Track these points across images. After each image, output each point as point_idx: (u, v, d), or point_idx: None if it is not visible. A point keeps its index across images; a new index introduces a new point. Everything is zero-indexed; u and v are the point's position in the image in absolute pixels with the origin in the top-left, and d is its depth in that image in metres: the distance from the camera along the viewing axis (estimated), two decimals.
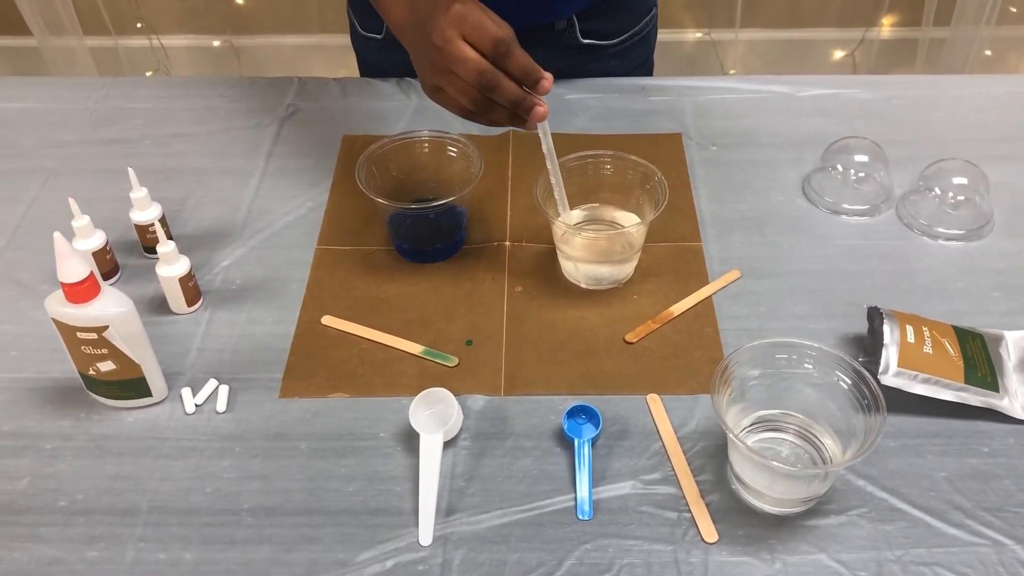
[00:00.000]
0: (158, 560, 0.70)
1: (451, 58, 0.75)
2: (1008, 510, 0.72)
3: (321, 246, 0.95)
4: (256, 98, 1.16)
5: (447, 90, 0.78)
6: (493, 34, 0.75)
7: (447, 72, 0.77)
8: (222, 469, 0.76)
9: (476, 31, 0.75)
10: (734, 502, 0.73)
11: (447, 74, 0.77)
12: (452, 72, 0.76)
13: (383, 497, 0.73)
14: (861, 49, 2.48)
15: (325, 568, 0.69)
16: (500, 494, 0.73)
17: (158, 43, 2.49)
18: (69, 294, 0.72)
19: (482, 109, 0.78)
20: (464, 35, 0.75)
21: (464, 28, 0.75)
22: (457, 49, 0.75)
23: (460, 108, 0.79)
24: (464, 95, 0.77)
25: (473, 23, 0.75)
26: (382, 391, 0.81)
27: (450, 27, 0.75)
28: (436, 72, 0.78)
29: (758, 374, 0.74)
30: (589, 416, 0.78)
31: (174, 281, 0.85)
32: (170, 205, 0.98)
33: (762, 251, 0.94)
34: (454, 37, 0.75)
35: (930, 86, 1.18)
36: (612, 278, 0.90)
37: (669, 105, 1.13)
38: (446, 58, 0.76)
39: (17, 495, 0.74)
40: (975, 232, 0.95)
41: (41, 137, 1.10)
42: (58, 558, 0.70)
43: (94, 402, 0.81)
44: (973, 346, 0.80)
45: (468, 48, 0.75)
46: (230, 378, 0.82)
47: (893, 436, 0.77)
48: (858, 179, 0.99)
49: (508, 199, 1.00)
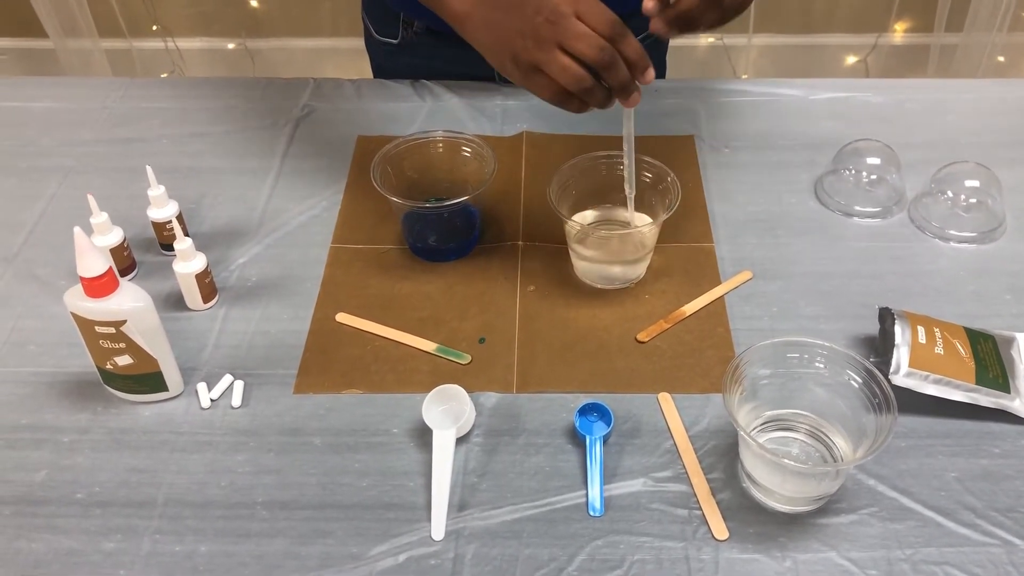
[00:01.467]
0: (173, 552, 0.71)
1: (569, 33, 0.73)
2: (1019, 510, 0.72)
3: (336, 244, 0.96)
4: (272, 99, 1.17)
5: (548, 68, 0.75)
6: (610, 15, 0.74)
7: (553, 48, 0.74)
8: (237, 463, 0.77)
9: (593, 9, 0.74)
10: (745, 500, 0.73)
11: (552, 50, 0.74)
12: (560, 49, 0.74)
13: (396, 492, 0.74)
14: (873, 55, 2.48)
15: (338, 561, 0.70)
16: (512, 490, 0.74)
17: (173, 45, 2.50)
18: (88, 288, 0.73)
19: (583, 90, 0.76)
20: (578, 13, 0.74)
21: (579, 6, 0.74)
22: (576, 24, 0.73)
23: (556, 89, 0.77)
24: (567, 73, 0.75)
25: (589, 1, 0.74)
26: (395, 387, 0.82)
27: (565, 3, 0.74)
28: (540, 48, 0.75)
29: (769, 373, 0.74)
30: (601, 414, 0.78)
31: (191, 277, 0.86)
32: (187, 204, 0.99)
33: (774, 252, 0.94)
34: (569, 13, 0.74)
35: (943, 90, 1.18)
36: (624, 278, 0.91)
37: (682, 107, 1.14)
38: (562, 33, 0.74)
39: (35, 487, 0.75)
40: (987, 235, 0.95)
41: (60, 136, 1.12)
42: (75, 549, 0.71)
43: (111, 396, 0.82)
44: (984, 347, 0.80)
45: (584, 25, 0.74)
46: (245, 374, 0.83)
47: (904, 436, 0.77)
48: (870, 181, 1.00)
49: (521, 199, 1.01)
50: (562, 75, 0.75)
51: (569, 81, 0.75)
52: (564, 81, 0.76)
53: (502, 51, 0.79)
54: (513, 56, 0.78)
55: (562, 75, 0.75)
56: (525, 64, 0.77)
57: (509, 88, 1.17)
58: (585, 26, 0.74)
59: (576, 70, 0.75)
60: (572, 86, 0.76)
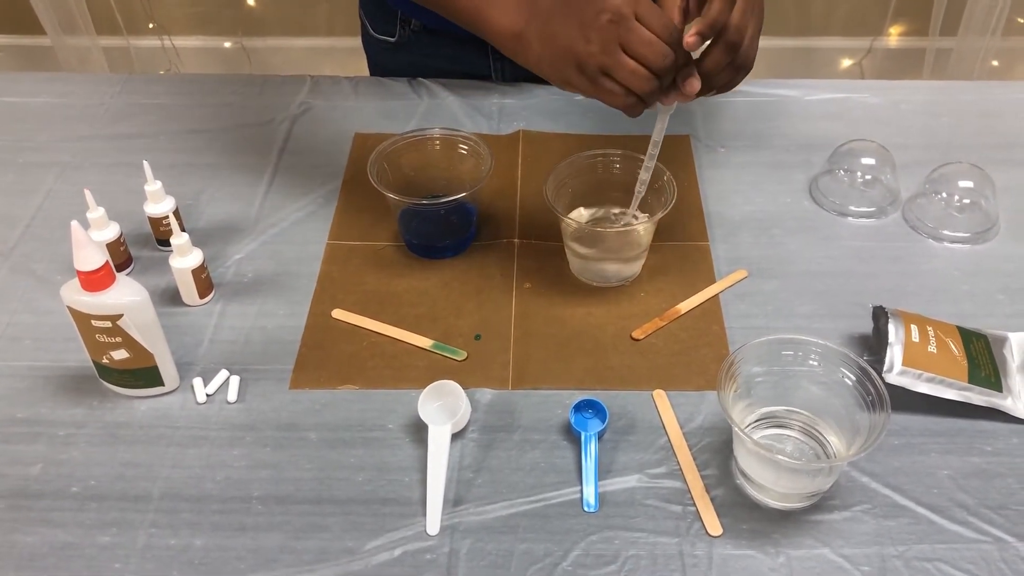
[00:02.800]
0: (169, 546, 0.71)
1: (635, 37, 0.73)
2: (1011, 508, 0.72)
3: (332, 241, 0.96)
4: (269, 96, 1.17)
5: (618, 74, 0.75)
6: (667, 19, 0.73)
7: (618, 51, 0.74)
8: (233, 458, 0.77)
9: (652, 13, 0.73)
10: (739, 497, 0.73)
11: (618, 54, 0.74)
12: (625, 54, 0.74)
13: (392, 487, 0.74)
14: (869, 58, 2.49)
15: (334, 556, 0.70)
16: (507, 485, 0.74)
17: (170, 44, 2.50)
18: (85, 282, 0.73)
19: (648, 93, 0.76)
20: (638, 15, 0.73)
21: (639, 8, 0.73)
22: (639, 29, 0.72)
23: (624, 95, 0.76)
24: (636, 78, 0.74)
25: (646, 5, 0.73)
26: (391, 383, 0.82)
27: (625, 5, 0.73)
28: (606, 52, 0.74)
29: (764, 370, 0.75)
30: (596, 411, 0.78)
31: (187, 273, 0.86)
32: (184, 200, 0.99)
33: (769, 251, 0.95)
34: (630, 15, 0.73)
35: (937, 91, 1.18)
36: (620, 276, 0.91)
37: (678, 107, 1.13)
38: (624, 34, 0.73)
39: (31, 480, 0.75)
40: (980, 235, 0.96)
41: (57, 132, 1.12)
42: (70, 543, 0.71)
43: (107, 391, 0.82)
44: (977, 346, 0.81)
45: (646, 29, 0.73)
46: (241, 369, 0.83)
47: (897, 434, 0.77)
48: (865, 182, 1.00)
49: (518, 197, 1.01)
50: (631, 80, 0.75)
51: (639, 85, 0.75)
52: (634, 86, 0.75)
53: (564, 61, 0.78)
54: (578, 64, 0.76)
55: (631, 80, 0.75)
56: (593, 69, 0.76)
57: (506, 86, 1.17)
58: (647, 31, 0.73)
59: (644, 74, 0.74)
60: (642, 89, 0.75)
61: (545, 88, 1.16)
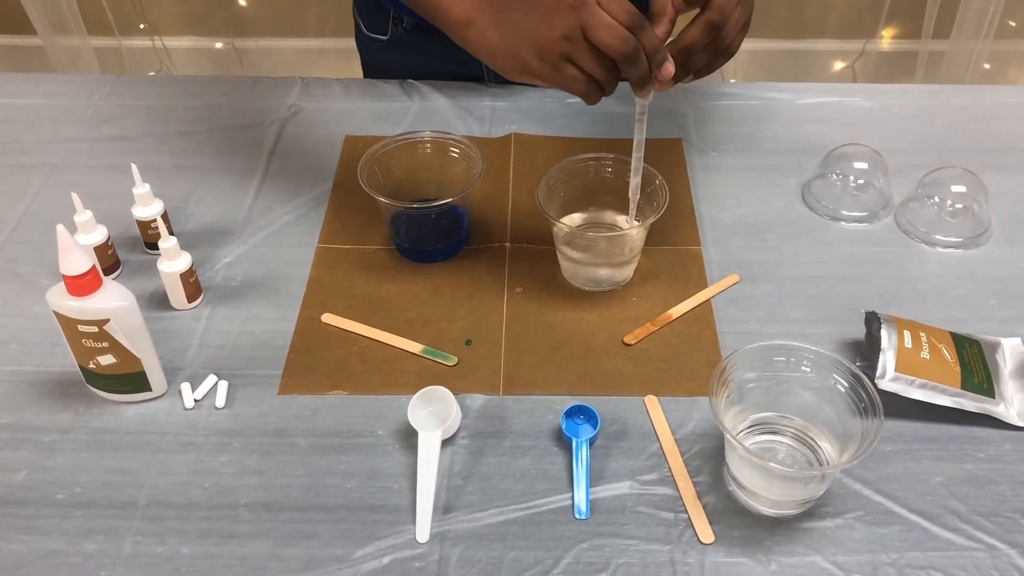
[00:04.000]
0: (155, 553, 0.70)
1: (595, 21, 0.72)
2: (1003, 515, 0.72)
3: (322, 245, 0.95)
4: (259, 98, 1.16)
5: (579, 60, 0.74)
6: (628, 4, 0.73)
7: (579, 40, 0.73)
8: (220, 464, 0.76)
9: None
10: (731, 503, 0.73)
11: (579, 42, 0.73)
12: (586, 39, 0.73)
13: (381, 494, 0.74)
14: (861, 61, 2.49)
15: (322, 563, 0.69)
16: (498, 492, 0.74)
17: (161, 44, 2.49)
18: (71, 287, 0.72)
19: (608, 81, 0.75)
20: (600, 1, 0.73)
21: None
22: (600, 14, 0.72)
23: (585, 82, 0.76)
24: (596, 63, 0.74)
25: None
26: (381, 389, 0.81)
27: None
28: (568, 39, 0.74)
29: (756, 377, 0.74)
30: (587, 416, 0.78)
31: (175, 276, 0.86)
32: (172, 202, 0.99)
33: (761, 256, 0.94)
34: (593, 1, 0.72)
35: (930, 95, 1.18)
36: (611, 280, 0.91)
37: (670, 110, 1.14)
38: (587, 20, 0.72)
39: (15, 487, 0.74)
40: (973, 240, 0.96)
41: (44, 133, 1.11)
42: (56, 550, 0.70)
43: (93, 396, 0.81)
44: (970, 352, 0.80)
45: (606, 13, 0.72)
46: (229, 374, 0.83)
47: (889, 441, 0.77)
48: (857, 186, 1.00)
49: (509, 201, 1.00)
50: (591, 65, 0.74)
51: (599, 72, 0.75)
52: (595, 71, 0.75)
53: (523, 48, 0.77)
54: (540, 50, 0.76)
55: (591, 65, 0.74)
56: (555, 55, 0.75)
57: (497, 89, 1.17)
58: (608, 15, 0.73)
59: (604, 61, 0.74)
60: (601, 76, 0.75)
61: (537, 91, 1.16)
